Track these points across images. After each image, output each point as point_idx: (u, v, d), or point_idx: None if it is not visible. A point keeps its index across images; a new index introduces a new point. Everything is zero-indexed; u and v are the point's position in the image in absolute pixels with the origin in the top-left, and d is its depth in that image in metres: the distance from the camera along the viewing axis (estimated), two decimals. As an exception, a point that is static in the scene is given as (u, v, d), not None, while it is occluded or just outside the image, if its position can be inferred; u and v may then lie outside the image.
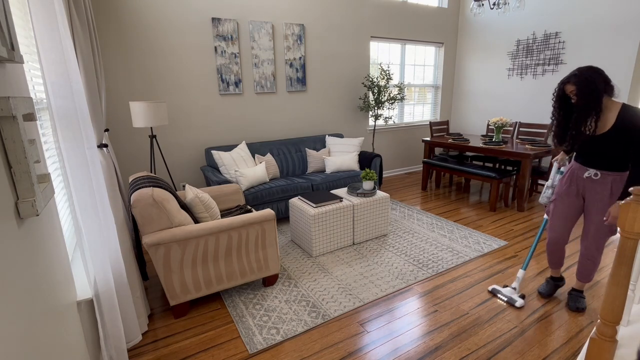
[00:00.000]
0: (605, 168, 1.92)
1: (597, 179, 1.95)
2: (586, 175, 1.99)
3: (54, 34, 1.31)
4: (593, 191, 1.98)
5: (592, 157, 1.96)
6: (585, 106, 1.83)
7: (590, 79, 1.82)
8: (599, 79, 1.82)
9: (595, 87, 1.81)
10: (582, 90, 1.83)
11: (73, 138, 1.42)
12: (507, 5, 3.62)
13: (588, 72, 1.84)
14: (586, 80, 1.82)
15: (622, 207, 1.03)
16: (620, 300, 1.09)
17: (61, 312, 1.15)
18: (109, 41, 3.22)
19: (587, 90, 1.82)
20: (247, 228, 2.23)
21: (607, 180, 1.92)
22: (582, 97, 1.84)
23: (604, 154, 1.90)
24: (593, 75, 1.82)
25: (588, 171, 1.98)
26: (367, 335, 1.99)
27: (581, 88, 1.83)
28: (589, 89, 1.81)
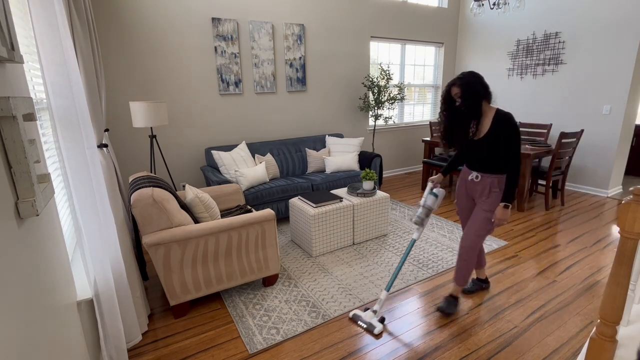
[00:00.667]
0: (485, 171, 2.00)
1: (478, 181, 2.04)
2: (469, 177, 2.09)
3: (54, 34, 1.31)
4: (475, 192, 2.07)
5: (473, 161, 2.05)
6: (469, 109, 1.90)
7: (472, 83, 1.88)
8: (479, 84, 1.89)
9: (476, 91, 1.88)
10: (465, 94, 1.88)
11: (73, 138, 1.42)
12: (507, 5, 3.62)
13: (470, 76, 1.90)
14: (469, 84, 1.88)
15: (622, 207, 1.03)
16: (620, 300, 1.09)
17: (61, 312, 1.15)
18: (109, 41, 3.22)
19: (470, 94, 1.88)
20: (247, 228, 2.23)
21: (486, 182, 2.00)
22: (465, 100, 1.89)
23: (483, 158, 1.98)
24: (474, 80, 1.89)
25: (471, 174, 2.07)
26: (367, 336, 1.99)
27: (465, 91, 1.88)
28: (471, 93, 1.87)
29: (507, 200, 1.91)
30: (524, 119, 5.07)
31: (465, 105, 1.90)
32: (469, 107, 1.90)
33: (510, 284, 2.48)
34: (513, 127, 1.88)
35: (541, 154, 3.79)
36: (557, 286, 2.44)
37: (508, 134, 1.88)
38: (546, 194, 3.94)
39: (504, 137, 1.89)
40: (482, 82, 1.91)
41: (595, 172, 4.46)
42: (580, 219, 3.67)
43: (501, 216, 1.93)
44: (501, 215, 1.92)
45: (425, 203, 2.12)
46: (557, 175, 3.96)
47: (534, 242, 3.16)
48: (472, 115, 1.92)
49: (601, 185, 4.43)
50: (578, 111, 4.48)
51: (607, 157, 4.31)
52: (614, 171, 4.33)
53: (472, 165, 2.07)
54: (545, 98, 4.78)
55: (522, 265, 2.73)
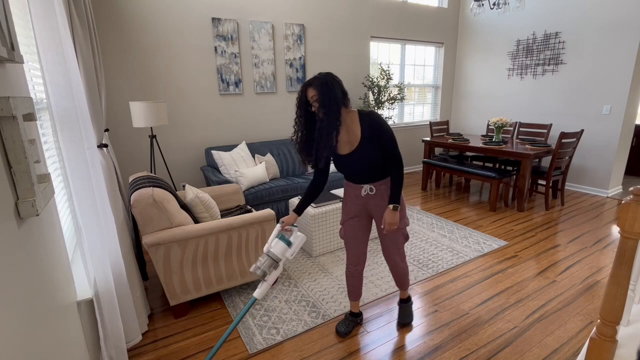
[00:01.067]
0: (375, 179, 1.76)
1: (373, 194, 1.79)
2: (363, 193, 1.80)
3: (54, 34, 1.31)
4: (375, 206, 1.81)
5: (361, 173, 1.76)
6: (328, 117, 1.58)
7: (330, 85, 1.60)
8: (337, 86, 1.63)
9: (336, 95, 1.59)
10: (323, 97, 1.58)
11: (73, 138, 1.42)
12: (507, 5, 3.62)
13: (328, 77, 1.62)
14: (327, 86, 1.59)
15: (622, 207, 1.03)
16: (620, 300, 1.09)
17: (61, 312, 1.15)
18: (109, 41, 3.22)
19: (328, 98, 1.58)
20: (247, 228, 2.23)
21: (382, 190, 1.77)
22: (323, 106, 1.58)
23: (369, 167, 1.72)
24: (333, 82, 1.61)
25: (363, 188, 1.79)
26: (367, 335, 1.99)
27: (322, 94, 1.58)
28: (329, 96, 1.58)
29: (394, 202, 1.69)
30: (524, 119, 5.07)
31: (325, 111, 1.58)
32: (328, 114, 1.58)
33: (510, 284, 2.48)
34: (380, 122, 1.66)
35: (541, 154, 3.79)
36: (557, 286, 2.44)
37: (380, 131, 1.65)
38: (546, 194, 3.94)
39: (378, 136, 1.66)
40: (341, 86, 1.66)
41: (595, 172, 4.46)
42: (580, 219, 3.67)
43: (391, 220, 1.69)
44: (390, 218, 1.69)
45: (270, 250, 1.58)
46: (557, 175, 3.96)
47: (534, 242, 3.16)
48: (333, 123, 1.59)
49: (601, 185, 4.43)
50: (578, 111, 4.48)
51: (607, 157, 4.31)
52: (614, 171, 4.33)
53: (358, 178, 1.78)
54: (545, 98, 4.78)
55: (522, 265, 2.73)
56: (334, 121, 1.60)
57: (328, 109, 1.58)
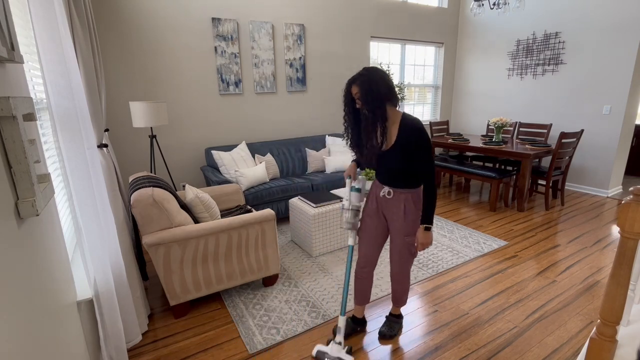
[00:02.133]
0: (396, 185, 1.70)
1: (390, 198, 1.72)
2: (381, 193, 1.75)
3: (54, 34, 1.31)
4: (389, 211, 1.75)
5: (384, 174, 1.73)
6: (372, 112, 1.57)
7: (374, 81, 1.55)
8: (382, 83, 1.56)
9: (378, 91, 1.55)
10: (366, 94, 1.56)
11: (73, 138, 1.42)
12: (507, 5, 3.62)
13: (373, 73, 1.57)
14: (370, 83, 1.55)
15: (622, 207, 1.03)
16: (620, 300, 1.09)
17: (61, 312, 1.15)
18: (109, 41, 3.22)
19: (372, 94, 1.55)
20: (247, 228, 2.23)
21: (400, 198, 1.70)
22: (366, 102, 1.57)
23: (393, 171, 1.68)
24: (377, 78, 1.56)
25: (383, 189, 1.75)
26: (367, 335, 1.99)
27: (365, 91, 1.55)
28: (373, 92, 1.54)
29: (428, 222, 1.64)
30: (524, 119, 5.07)
31: (367, 107, 1.57)
32: (371, 109, 1.56)
33: (510, 284, 2.48)
34: (422, 135, 1.58)
35: (541, 154, 3.79)
36: (557, 286, 2.44)
37: (418, 144, 1.58)
38: (546, 194, 3.94)
39: (413, 147, 1.60)
40: (387, 81, 1.58)
41: (595, 172, 4.46)
42: (580, 219, 3.67)
43: (423, 240, 1.66)
44: (423, 239, 1.66)
45: (352, 203, 1.78)
46: (557, 175, 3.96)
47: (534, 242, 3.16)
48: (376, 119, 1.57)
49: (601, 185, 4.43)
50: (578, 111, 4.48)
51: (607, 157, 4.31)
52: (614, 171, 4.33)
53: (382, 178, 1.75)
54: (545, 98, 4.78)
55: (522, 265, 2.73)
56: (377, 117, 1.56)
57: (371, 105, 1.56)
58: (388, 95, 1.58)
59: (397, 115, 1.64)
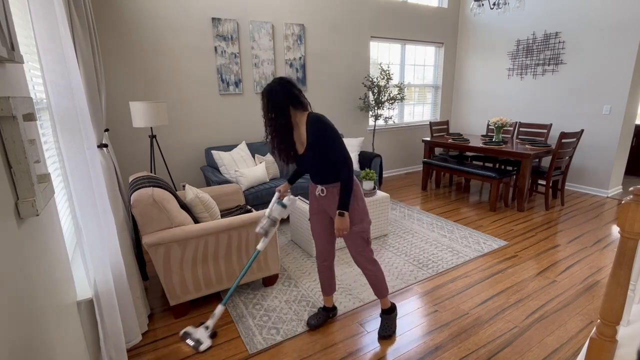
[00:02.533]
0: (326, 182, 1.78)
1: (324, 195, 1.81)
2: (317, 193, 1.84)
3: (54, 34, 1.31)
4: (329, 207, 1.83)
5: (313, 175, 1.82)
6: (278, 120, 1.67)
7: (274, 91, 1.65)
8: (281, 90, 1.64)
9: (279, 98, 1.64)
10: (269, 103, 1.67)
11: (73, 138, 1.42)
12: (507, 5, 3.62)
13: (273, 83, 1.67)
14: (270, 92, 1.66)
15: (622, 207, 1.03)
16: (620, 300, 1.09)
17: (61, 312, 1.15)
18: (109, 41, 3.22)
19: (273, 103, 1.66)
20: (247, 228, 2.23)
21: (333, 193, 1.78)
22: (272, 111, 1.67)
23: (317, 170, 1.76)
24: (278, 87, 1.65)
25: (317, 188, 1.83)
26: (367, 335, 1.99)
27: (268, 100, 1.67)
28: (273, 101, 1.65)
29: (342, 208, 1.69)
30: (524, 119, 5.07)
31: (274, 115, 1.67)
32: (277, 117, 1.66)
33: (510, 284, 2.48)
34: (325, 127, 1.64)
35: (541, 154, 3.79)
36: (557, 286, 2.44)
37: (325, 137, 1.65)
38: (546, 194, 3.94)
39: (320, 141, 1.66)
40: (287, 88, 1.66)
41: (595, 172, 4.46)
42: (580, 219, 3.67)
43: (339, 225, 1.70)
44: (339, 224, 1.70)
45: (271, 214, 1.91)
46: (557, 175, 3.96)
47: (534, 242, 3.16)
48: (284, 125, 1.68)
49: (601, 185, 4.43)
50: (578, 111, 4.48)
51: (607, 157, 4.31)
52: (614, 171, 4.33)
53: (313, 179, 1.84)
54: (545, 98, 4.78)
55: (522, 265, 2.73)
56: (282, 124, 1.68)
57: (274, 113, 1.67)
58: (290, 101, 1.66)
59: (303, 117, 1.70)
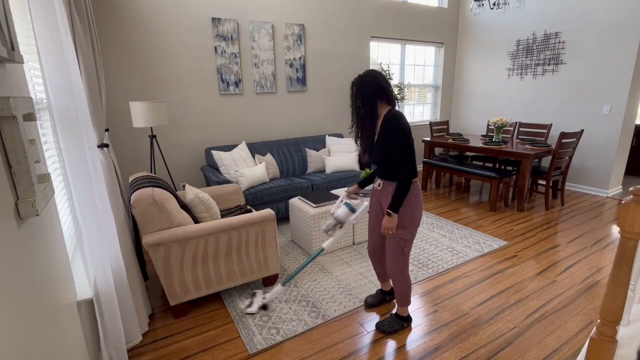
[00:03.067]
0: (384, 177, 1.83)
1: (380, 189, 1.86)
2: (376, 185, 1.91)
3: (54, 34, 1.31)
4: (384, 202, 1.84)
5: (377, 167, 1.88)
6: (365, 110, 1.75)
7: (365, 82, 1.73)
8: (371, 82, 1.72)
9: (366, 90, 1.72)
10: (357, 93, 1.76)
11: (73, 138, 1.42)
12: (507, 5, 3.62)
13: (366, 74, 1.75)
14: (361, 83, 1.74)
15: (622, 207, 1.03)
16: (620, 300, 1.09)
17: (61, 312, 1.15)
18: (109, 41, 3.22)
19: (362, 93, 1.74)
20: (247, 228, 2.23)
21: (388, 190, 1.81)
22: (357, 99, 1.76)
23: (379, 163, 1.82)
24: (368, 77, 1.73)
25: (377, 181, 1.90)
26: (367, 335, 1.99)
27: (358, 90, 1.76)
28: (363, 91, 1.73)
29: (391, 209, 1.72)
30: (524, 119, 5.07)
31: (362, 104, 1.75)
32: (364, 107, 1.74)
33: (510, 284, 2.48)
34: (396, 127, 1.67)
35: (541, 154, 3.79)
36: (557, 286, 2.44)
37: (392, 136, 1.68)
38: (546, 194, 3.94)
39: (390, 140, 1.70)
40: (377, 81, 1.72)
41: (595, 172, 4.46)
42: (580, 219, 3.67)
43: (385, 223, 1.75)
44: (385, 222, 1.75)
45: (336, 212, 1.88)
46: (557, 175, 3.96)
47: (534, 242, 3.16)
48: (365, 116, 1.76)
49: (601, 185, 4.43)
50: (578, 111, 4.48)
51: (607, 157, 4.31)
52: (614, 171, 4.33)
53: (377, 171, 1.90)
54: (545, 98, 4.78)
55: (522, 265, 2.73)
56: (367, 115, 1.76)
57: (362, 103, 1.75)
58: (377, 94, 1.73)
59: (383, 112, 1.77)
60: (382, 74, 1.75)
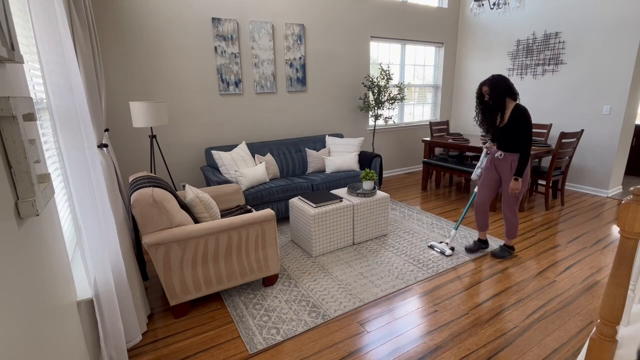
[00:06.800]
0: (506, 150, 2.62)
1: (501, 159, 2.66)
2: (497, 155, 2.69)
3: (54, 34, 1.31)
4: (501, 167, 2.68)
5: (499, 143, 2.66)
6: (494, 103, 2.52)
7: (498, 83, 2.47)
8: (503, 84, 2.48)
9: (500, 90, 2.48)
10: (492, 92, 2.50)
11: (73, 138, 1.42)
12: (507, 5, 3.62)
13: (498, 78, 2.49)
14: (496, 84, 2.48)
15: (622, 207, 1.03)
16: (620, 300, 1.09)
17: (61, 312, 1.15)
18: (109, 41, 3.22)
19: (495, 92, 2.49)
20: (247, 228, 2.23)
21: (508, 159, 2.63)
22: (491, 97, 2.52)
23: (505, 140, 2.60)
24: (500, 80, 2.48)
25: (498, 152, 2.68)
26: (367, 335, 1.99)
27: (492, 90, 2.50)
28: (496, 91, 2.48)
29: (516, 174, 2.55)
30: (524, 119, 5.06)
31: (492, 100, 2.52)
32: (494, 101, 2.51)
33: (510, 284, 2.48)
34: (523, 118, 2.48)
35: (541, 154, 3.79)
36: (557, 286, 2.44)
37: (520, 123, 2.49)
38: (546, 194, 3.94)
39: (517, 126, 2.49)
40: (507, 83, 2.48)
41: (595, 172, 4.46)
42: (580, 219, 3.67)
43: (513, 186, 2.56)
44: (512, 185, 2.56)
45: (482, 165, 2.86)
46: (557, 175, 3.96)
47: (534, 242, 3.16)
48: (496, 107, 2.53)
49: (601, 185, 4.43)
50: (578, 111, 4.48)
51: (607, 157, 4.31)
52: (614, 171, 4.33)
53: (499, 145, 2.67)
54: (545, 98, 4.78)
55: (522, 265, 2.73)
56: (497, 107, 2.54)
57: (494, 99, 2.52)
58: (507, 92, 2.50)
59: (511, 105, 2.55)
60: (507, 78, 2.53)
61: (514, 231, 2.77)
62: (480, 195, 2.83)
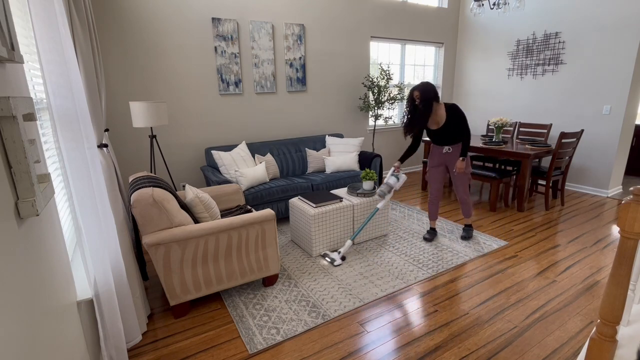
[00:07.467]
0: (452, 143, 2.94)
1: (450, 152, 2.96)
2: (444, 151, 2.99)
3: (54, 34, 1.31)
4: (450, 160, 2.99)
5: (444, 140, 2.94)
6: (423, 106, 2.72)
7: (427, 89, 2.71)
8: (432, 90, 2.73)
9: (429, 94, 2.72)
10: (422, 95, 2.71)
11: (73, 138, 1.42)
12: (507, 5, 3.62)
13: (427, 84, 2.73)
14: (426, 90, 2.71)
15: (622, 207, 1.03)
16: (620, 300, 1.09)
17: (61, 312, 1.15)
18: (109, 41, 3.22)
19: (425, 95, 2.71)
20: (247, 228, 2.23)
21: (455, 150, 2.95)
22: (422, 101, 2.72)
23: (449, 136, 2.89)
24: (429, 86, 2.73)
25: (444, 148, 2.98)
26: (367, 335, 1.99)
27: (422, 94, 2.71)
28: (427, 95, 2.71)
29: (463, 155, 2.85)
30: (524, 119, 5.07)
31: (422, 103, 2.72)
32: (424, 104, 2.72)
33: (510, 284, 2.48)
34: (458, 111, 2.80)
35: (541, 154, 3.79)
36: (557, 286, 2.44)
37: (458, 117, 2.81)
38: (546, 194, 3.94)
39: (458, 120, 2.80)
40: (434, 89, 2.75)
41: (595, 172, 4.46)
42: (580, 219, 3.67)
43: (459, 165, 2.87)
44: (459, 165, 2.86)
45: (387, 181, 2.97)
46: (557, 175, 3.96)
47: (534, 242, 3.16)
48: (426, 110, 2.73)
49: (601, 185, 4.43)
50: (578, 111, 4.48)
51: (607, 157, 4.31)
52: (614, 171, 4.33)
53: (442, 143, 2.96)
54: (545, 98, 4.78)
55: (522, 265, 2.73)
56: (427, 110, 2.74)
57: (425, 103, 2.72)
58: (435, 97, 2.76)
59: (440, 106, 2.83)
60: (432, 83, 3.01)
61: (470, 210, 3.13)
62: (433, 189, 3.12)
